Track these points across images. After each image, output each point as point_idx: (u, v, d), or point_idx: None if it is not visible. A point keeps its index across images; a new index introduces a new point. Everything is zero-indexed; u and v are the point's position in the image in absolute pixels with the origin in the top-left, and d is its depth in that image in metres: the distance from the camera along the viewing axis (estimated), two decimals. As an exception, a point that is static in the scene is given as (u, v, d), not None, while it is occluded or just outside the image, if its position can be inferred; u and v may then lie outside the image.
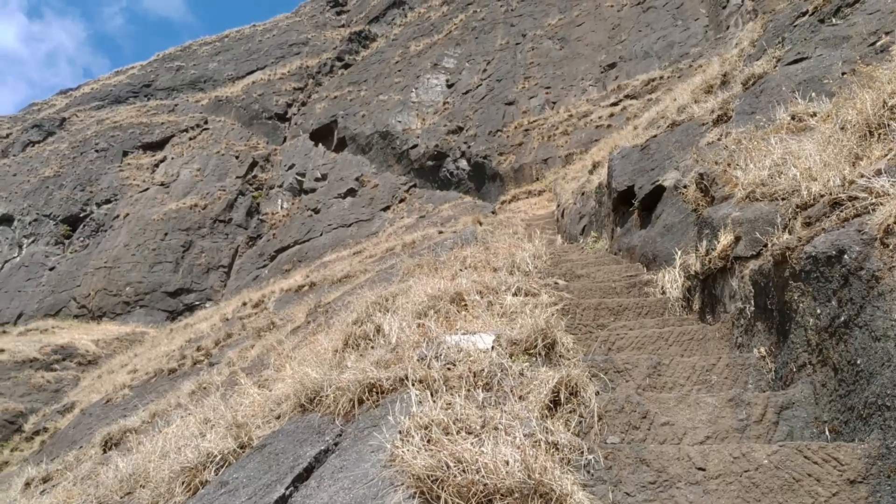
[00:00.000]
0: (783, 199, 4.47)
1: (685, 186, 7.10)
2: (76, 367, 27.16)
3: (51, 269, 37.91)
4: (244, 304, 23.54)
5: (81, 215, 41.10)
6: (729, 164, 6.07)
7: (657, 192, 8.04)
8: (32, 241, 40.47)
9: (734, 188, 5.52)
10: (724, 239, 4.90)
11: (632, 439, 3.31)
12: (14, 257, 40.07)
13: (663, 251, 6.95)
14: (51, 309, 35.28)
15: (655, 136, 10.06)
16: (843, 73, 6.65)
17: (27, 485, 9.55)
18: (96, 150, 45.92)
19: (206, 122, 46.68)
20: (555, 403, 3.35)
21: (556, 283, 6.42)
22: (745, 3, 26.49)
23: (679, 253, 6.18)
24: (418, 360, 3.77)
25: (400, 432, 2.95)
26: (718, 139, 7.60)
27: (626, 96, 27.74)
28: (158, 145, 45.80)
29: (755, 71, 8.72)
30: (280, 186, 39.78)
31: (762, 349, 4.11)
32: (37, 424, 22.38)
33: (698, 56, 26.54)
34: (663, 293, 6.03)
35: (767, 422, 3.35)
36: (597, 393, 3.53)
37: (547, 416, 3.22)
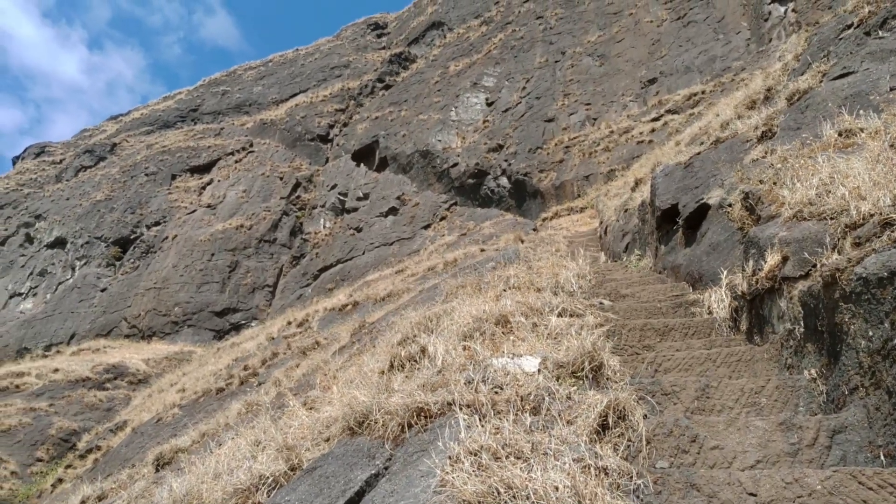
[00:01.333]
0: (832, 218, 4.42)
1: (730, 205, 7.04)
2: (127, 386, 27.74)
3: (102, 291, 38.88)
4: (289, 323, 23.83)
5: (132, 237, 42.14)
6: (775, 183, 6.01)
7: (702, 211, 7.97)
8: (85, 264, 41.60)
9: (781, 207, 5.47)
10: (772, 259, 4.85)
11: (681, 463, 3.30)
12: (67, 279, 41.22)
13: (709, 270, 6.88)
14: (102, 329, 36.14)
15: (699, 153, 9.99)
16: (892, 88, 6.55)
17: (82, 503, 9.78)
18: (146, 174, 47.12)
19: (251, 145, 47.58)
20: (603, 427, 3.36)
21: (600, 303, 6.41)
22: (788, 15, 26.16)
23: (725, 272, 6.12)
24: (465, 384, 3.81)
25: (450, 458, 2.98)
26: (763, 156, 7.53)
27: (668, 111, 27.53)
28: (205, 168, 46.82)
29: (800, 86, 8.62)
30: (323, 206, 40.27)
31: (812, 371, 4.06)
32: (90, 443, 22.87)
33: (740, 70, 26.25)
34: (710, 313, 5.97)
35: (820, 446, 3.31)
36: (645, 416, 3.53)
37: (595, 441, 3.22)
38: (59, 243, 44.04)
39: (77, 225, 44.38)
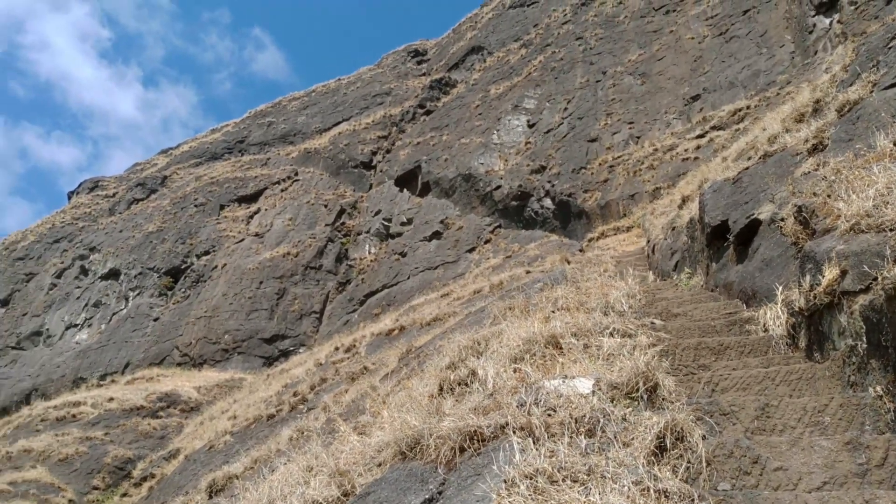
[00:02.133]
0: (891, 229, 4.29)
1: (782, 219, 6.89)
2: (180, 414, 28.15)
3: (155, 320, 39.70)
4: (336, 349, 23.98)
5: (182, 267, 43.03)
6: (829, 195, 5.87)
7: (753, 226, 7.82)
8: (138, 294, 42.58)
9: (836, 220, 5.33)
10: (830, 273, 4.71)
11: (743, 485, 3.20)
12: (121, 309, 42.21)
13: (763, 287, 6.74)
14: (155, 358, 36.84)
15: (747, 168, 9.82)
16: (948, 95, 6.37)
17: (139, 530, 9.89)
18: (195, 205, 48.20)
19: (296, 174, 48.36)
20: (661, 449, 3.28)
21: (652, 322, 6.31)
22: (834, 27, 25.70)
23: (780, 288, 5.98)
24: (518, 407, 3.77)
25: (504, 482, 2.95)
26: (815, 169, 7.37)
27: (713, 127, 27.19)
28: (252, 198, 47.69)
29: (850, 97, 8.43)
30: (367, 232, 40.62)
31: (878, 388, 3.92)
32: (145, 470, 23.23)
33: (786, 83, 25.84)
34: (766, 331, 5.83)
35: (890, 466, 3.19)
36: (703, 437, 3.44)
37: (653, 463, 3.15)
38: (113, 275, 45.19)
39: (130, 256, 45.51)
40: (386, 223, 39.98)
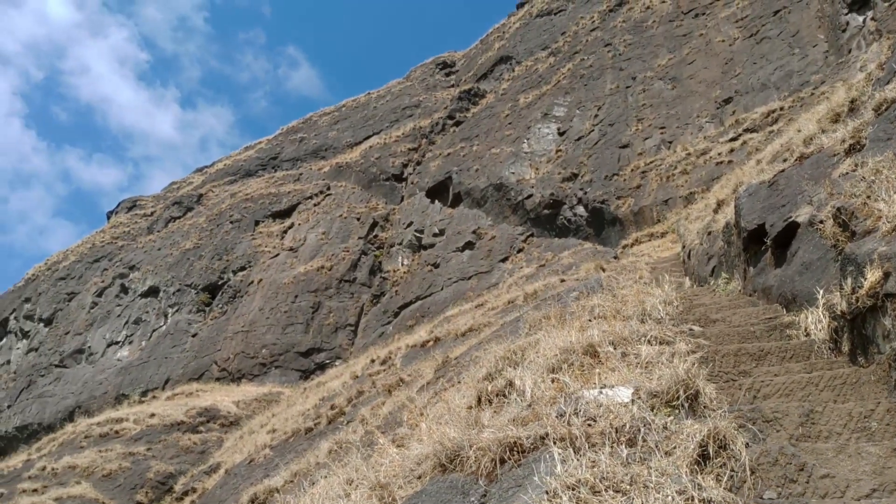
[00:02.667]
0: (935, 230, 4.20)
1: (821, 221, 6.79)
2: (219, 429, 28.44)
3: (193, 336, 40.24)
4: (372, 361, 24.05)
5: (219, 283, 43.59)
6: (868, 196, 5.77)
7: (790, 229, 7.72)
8: (177, 311, 43.23)
9: (877, 221, 5.24)
10: (872, 275, 4.63)
11: (790, 494, 3.16)
12: (161, 326, 42.88)
13: (803, 290, 6.64)
14: (195, 373, 37.31)
15: (783, 170, 9.68)
16: None
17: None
18: (231, 222, 48.86)
19: (328, 188, 48.79)
20: (703, 457, 3.25)
21: (690, 329, 6.24)
22: (868, 25, 25.28)
23: (821, 292, 5.89)
24: (557, 417, 3.76)
25: (546, 493, 2.94)
26: (853, 170, 7.24)
27: (746, 130, 26.86)
28: (286, 213, 48.20)
29: (887, 95, 8.28)
30: (400, 244, 40.78)
31: (926, 392, 3.84)
32: (186, 485, 23.48)
33: (820, 83, 25.46)
34: (807, 335, 5.74)
35: (941, 472, 3.12)
36: (747, 445, 3.40)
37: (696, 471, 3.12)
38: (152, 292, 45.95)
39: (168, 274, 46.25)
40: (418, 235, 40.11)
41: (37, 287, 54.37)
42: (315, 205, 47.49)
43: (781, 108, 26.00)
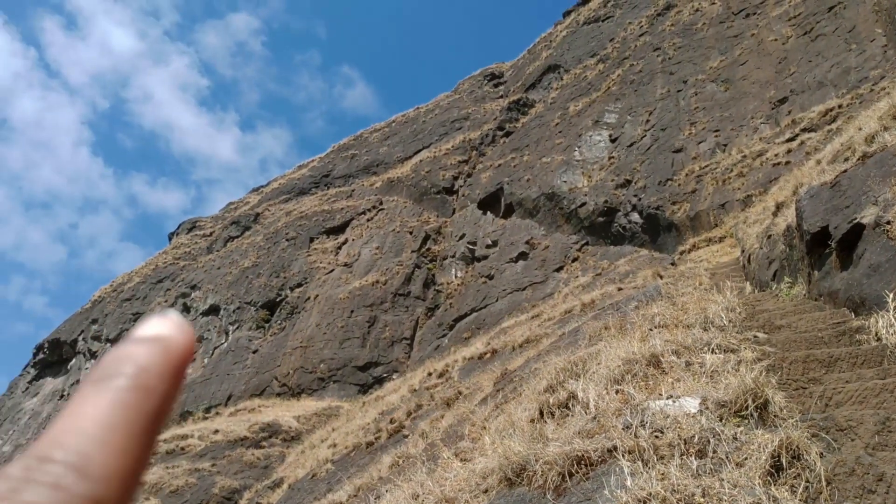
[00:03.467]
0: None
1: (888, 222, 6.61)
2: (281, 444, 28.84)
3: (254, 352, 40.98)
4: (429, 374, 24.12)
5: (277, 300, 44.35)
6: (939, 195, 5.60)
7: (856, 231, 7.52)
8: (237, 328, 44.11)
9: (949, 221, 5.08)
10: (946, 278, 4.50)
11: (868, 505, 3.08)
12: (222, 343, 43.80)
13: (871, 294, 6.46)
14: (256, 389, 37.97)
15: (845, 170, 9.44)
16: None
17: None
18: (287, 239, 49.73)
19: (380, 203, 49.27)
20: (776, 468, 3.20)
21: (755, 336, 6.13)
22: (930, 15, 24.46)
23: (891, 295, 5.73)
24: (624, 429, 3.74)
25: (618, 505, 2.93)
26: (921, 168, 7.03)
27: (803, 130, 26.21)
28: (340, 229, 48.84)
29: (955, 89, 8.02)
30: (453, 256, 40.89)
31: None
32: (250, 500, 23.86)
33: (879, 79, 24.72)
34: (878, 340, 5.58)
35: None
36: (821, 455, 3.33)
37: (770, 483, 3.07)
38: (213, 310, 47.00)
39: (228, 292, 47.26)
40: (471, 247, 40.16)
41: (103, 308, 56.11)
42: (368, 220, 48.00)
43: (840, 106, 25.31)
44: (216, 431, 30.10)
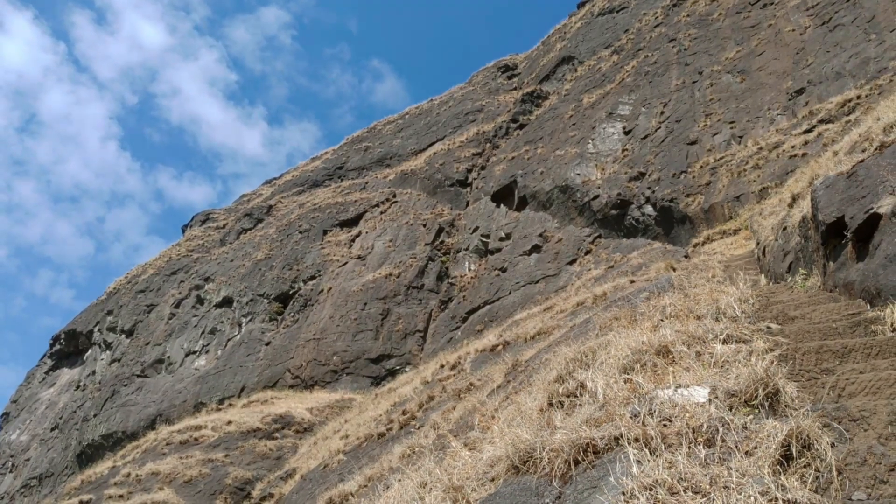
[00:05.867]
0: None
1: (905, 212, 6.49)
2: (294, 435, 28.98)
3: (267, 344, 41.15)
4: (441, 366, 24.14)
5: (291, 292, 44.50)
6: (957, 183, 5.49)
7: (872, 221, 7.40)
8: (250, 320, 44.30)
9: (967, 209, 4.98)
10: (963, 266, 4.40)
11: (880, 494, 3.02)
12: (235, 335, 44.02)
13: (888, 284, 6.36)
14: (269, 381, 38.14)
15: (862, 160, 9.30)
16: None
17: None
18: (300, 232, 49.85)
19: (394, 196, 49.27)
20: (786, 458, 3.14)
21: (768, 327, 6.05)
22: (951, 4, 24.09)
23: (908, 285, 5.63)
24: (631, 418, 3.69)
25: (623, 493, 2.89)
26: (939, 156, 6.91)
27: (820, 121, 25.91)
28: (353, 221, 48.90)
29: (975, 77, 7.87)
30: (466, 249, 40.83)
31: None
32: (263, 491, 24.00)
33: (900, 68, 24.38)
34: (894, 330, 5.50)
35: None
36: (832, 444, 3.27)
37: (779, 472, 3.02)
38: (227, 302, 47.23)
39: (241, 284, 47.46)
40: (484, 239, 40.09)
41: (118, 300, 56.54)
42: (381, 213, 48.02)
43: (858, 97, 25.00)
44: (229, 422, 30.28)
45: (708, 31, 38.18)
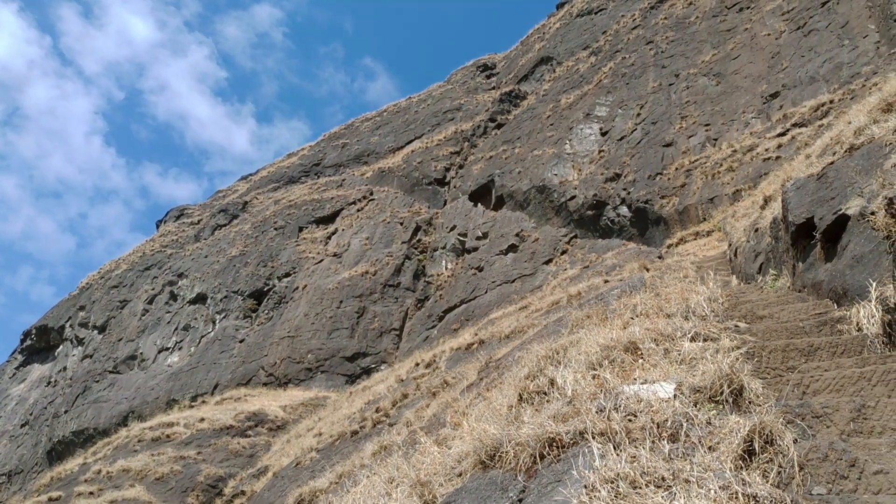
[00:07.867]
0: None
1: (873, 213, 6.58)
2: (267, 433, 28.79)
3: (241, 342, 40.84)
4: (417, 364, 24.12)
5: (265, 289, 44.19)
6: (922, 185, 5.57)
7: (840, 222, 7.50)
8: (224, 317, 43.93)
9: (931, 210, 5.05)
10: (926, 266, 4.46)
11: (841, 490, 3.04)
12: (209, 332, 43.63)
13: (854, 284, 6.44)
14: (242, 378, 37.86)
15: (832, 162, 9.42)
16: None
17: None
18: (275, 228, 49.52)
19: (371, 194, 49.12)
20: (749, 453, 3.15)
21: (736, 325, 6.10)
22: (922, 12, 24.49)
23: (874, 285, 5.70)
24: (597, 413, 3.69)
25: (585, 487, 2.88)
26: (906, 159, 7.00)
27: (794, 125, 26.24)
28: (329, 219, 48.67)
29: (942, 82, 7.99)
30: (443, 248, 40.82)
31: None
32: (235, 488, 23.81)
33: (871, 74, 24.75)
34: (859, 330, 5.56)
35: None
36: (795, 441, 3.29)
37: (741, 467, 3.03)
38: (200, 299, 46.79)
39: (216, 280, 47.04)
40: (461, 238, 40.10)
41: (90, 295, 55.83)
42: (358, 210, 47.86)
43: (831, 102, 25.35)
44: (202, 420, 30.01)
45: (685, 34, 38.50)
